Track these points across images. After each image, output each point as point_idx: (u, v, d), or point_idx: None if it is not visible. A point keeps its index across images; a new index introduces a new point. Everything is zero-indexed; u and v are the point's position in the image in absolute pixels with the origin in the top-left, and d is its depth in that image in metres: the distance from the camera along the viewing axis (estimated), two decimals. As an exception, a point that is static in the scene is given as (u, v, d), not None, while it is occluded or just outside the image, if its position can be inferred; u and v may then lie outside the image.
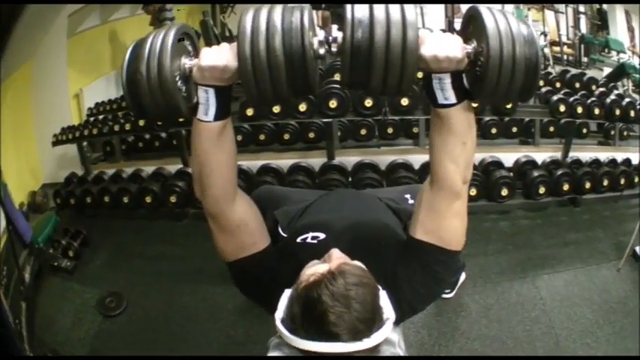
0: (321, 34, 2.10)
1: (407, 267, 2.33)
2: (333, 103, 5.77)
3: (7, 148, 5.68)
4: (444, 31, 2.08)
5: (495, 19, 1.99)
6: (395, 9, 1.94)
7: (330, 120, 6.15)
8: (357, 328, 1.85)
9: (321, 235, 2.50)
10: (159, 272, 5.23)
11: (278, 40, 1.96)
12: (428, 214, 2.32)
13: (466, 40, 2.10)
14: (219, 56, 2.07)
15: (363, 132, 6.99)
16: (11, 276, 4.67)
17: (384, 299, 2.05)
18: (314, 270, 2.01)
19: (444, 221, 2.31)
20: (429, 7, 8.88)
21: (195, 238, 2.70)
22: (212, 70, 2.07)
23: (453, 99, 2.10)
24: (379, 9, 1.94)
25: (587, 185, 6.06)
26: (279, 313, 2.01)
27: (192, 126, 2.24)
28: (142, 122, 6.35)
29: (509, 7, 8.64)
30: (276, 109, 5.97)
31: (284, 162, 6.44)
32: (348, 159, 6.41)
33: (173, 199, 6.14)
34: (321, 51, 2.08)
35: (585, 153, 6.60)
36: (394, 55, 1.93)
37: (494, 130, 7.02)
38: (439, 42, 2.01)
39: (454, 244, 2.35)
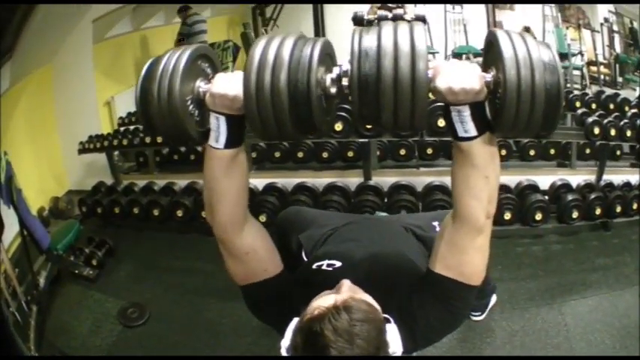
0: (335, 71, 2.06)
1: (423, 300, 2.26)
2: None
3: (24, 152, 5.68)
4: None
5: (513, 44, 1.88)
6: (404, 37, 1.88)
7: (367, 140, 6.06)
8: None
9: (337, 264, 2.48)
10: (186, 287, 5.20)
11: (283, 77, 1.91)
12: (449, 248, 2.23)
13: (486, 68, 2.01)
14: (231, 84, 2.03)
15: (403, 152, 6.93)
16: (23, 280, 4.70)
17: (392, 333, 2.03)
18: (319, 303, 1.98)
19: (466, 256, 2.22)
20: (472, 25, 8.91)
21: (219, 253, 2.70)
22: (222, 98, 2.04)
23: (473, 132, 1.99)
24: (387, 37, 1.89)
25: (618, 209, 5.99)
26: (285, 341, 2.00)
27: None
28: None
29: (550, 26, 8.64)
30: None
31: (321, 181, 6.36)
32: (386, 179, 6.33)
33: (205, 214, 5.95)
34: (333, 90, 2.04)
35: (618, 176, 6.50)
36: (403, 87, 1.85)
37: (532, 152, 7.02)
38: (454, 72, 1.92)
39: (474, 279, 2.26)
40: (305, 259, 2.97)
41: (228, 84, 2.03)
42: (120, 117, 7.42)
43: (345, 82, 1.98)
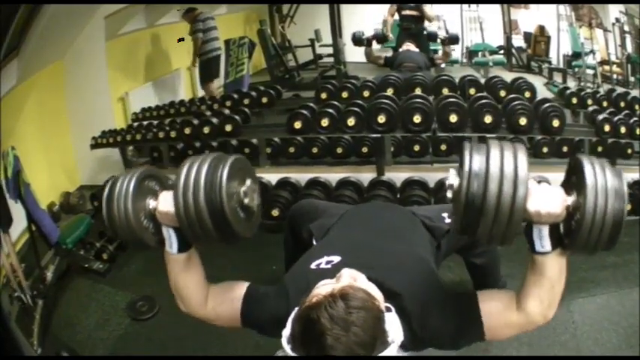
0: (247, 183, 2.49)
1: (443, 318, 2.41)
2: (381, 119, 5.69)
3: (35, 148, 5.69)
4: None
5: (595, 175, 2.06)
6: (509, 162, 2.06)
7: (379, 135, 6.11)
8: (355, 351, 1.92)
9: (336, 259, 2.59)
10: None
11: (202, 197, 2.28)
12: (501, 312, 2.40)
13: (568, 190, 2.19)
14: (172, 203, 2.33)
15: (416, 148, 6.96)
16: (31, 274, 4.75)
17: (391, 322, 2.11)
18: (318, 291, 2.12)
19: (506, 328, 2.42)
20: (488, 23, 8.90)
21: (236, 248, 2.71)
22: (167, 215, 2.39)
23: (548, 247, 2.20)
24: (495, 162, 2.07)
25: (629, 207, 5.84)
26: (286, 331, 2.13)
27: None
28: (187, 130, 6.31)
29: (564, 25, 8.62)
30: (325, 122, 5.92)
31: (335, 176, 6.40)
32: (399, 175, 6.34)
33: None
34: (246, 201, 2.46)
35: (629, 174, 6.40)
36: (503, 209, 2.03)
37: (545, 149, 6.97)
38: (543, 198, 2.11)
39: (489, 339, 2.44)
40: None
41: (170, 203, 2.35)
42: (133, 112, 7.47)
43: (449, 194, 2.28)
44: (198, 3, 7.75)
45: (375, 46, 7.97)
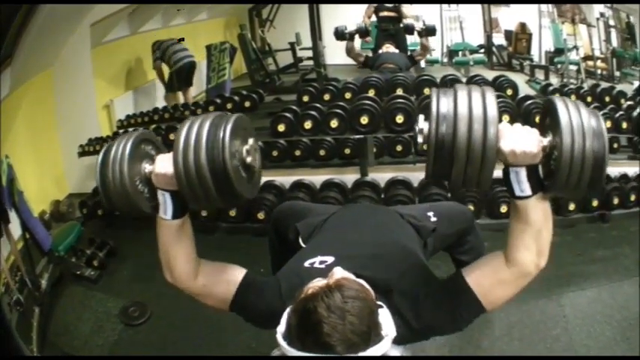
0: (250, 142, 2.44)
1: (437, 303, 2.40)
2: (364, 120, 5.77)
3: (25, 157, 5.69)
4: (522, 122, 2.17)
5: (569, 113, 2.08)
6: (477, 103, 2.09)
7: (362, 136, 6.15)
8: (352, 340, 1.90)
9: (330, 259, 2.59)
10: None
11: (203, 156, 2.22)
12: (491, 275, 2.39)
13: (543, 132, 2.21)
14: (170, 164, 2.30)
15: (399, 148, 7.01)
16: (25, 282, 4.72)
17: (384, 316, 2.11)
18: (313, 284, 2.08)
19: (500, 287, 2.38)
20: (468, 22, 8.92)
21: (226, 252, 2.74)
22: (164, 177, 2.36)
23: (528, 191, 2.20)
24: (462, 104, 2.10)
25: (616, 201, 5.98)
26: (281, 327, 2.08)
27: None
28: (172, 136, 6.30)
29: (546, 22, 8.65)
30: (308, 124, 5.98)
31: (319, 178, 6.44)
32: (382, 175, 6.39)
33: (204, 212, 6.10)
34: (249, 159, 2.41)
35: (615, 168, 6.49)
36: (475, 150, 2.05)
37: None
38: (517, 137, 2.12)
39: (490, 307, 2.41)
40: (302, 245, 3.09)
41: (168, 164, 2.32)
42: (119, 119, 7.44)
43: (420, 139, 2.22)
44: (186, 3, 7.77)
45: (356, 41, 7.97)
